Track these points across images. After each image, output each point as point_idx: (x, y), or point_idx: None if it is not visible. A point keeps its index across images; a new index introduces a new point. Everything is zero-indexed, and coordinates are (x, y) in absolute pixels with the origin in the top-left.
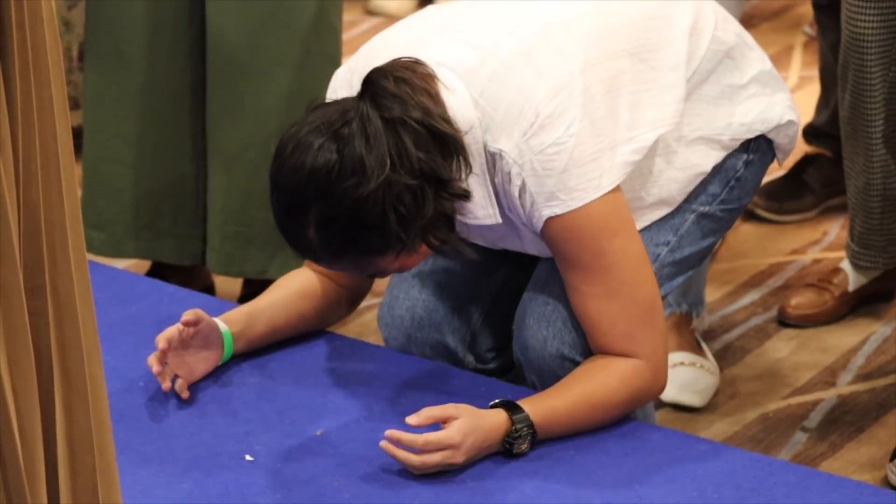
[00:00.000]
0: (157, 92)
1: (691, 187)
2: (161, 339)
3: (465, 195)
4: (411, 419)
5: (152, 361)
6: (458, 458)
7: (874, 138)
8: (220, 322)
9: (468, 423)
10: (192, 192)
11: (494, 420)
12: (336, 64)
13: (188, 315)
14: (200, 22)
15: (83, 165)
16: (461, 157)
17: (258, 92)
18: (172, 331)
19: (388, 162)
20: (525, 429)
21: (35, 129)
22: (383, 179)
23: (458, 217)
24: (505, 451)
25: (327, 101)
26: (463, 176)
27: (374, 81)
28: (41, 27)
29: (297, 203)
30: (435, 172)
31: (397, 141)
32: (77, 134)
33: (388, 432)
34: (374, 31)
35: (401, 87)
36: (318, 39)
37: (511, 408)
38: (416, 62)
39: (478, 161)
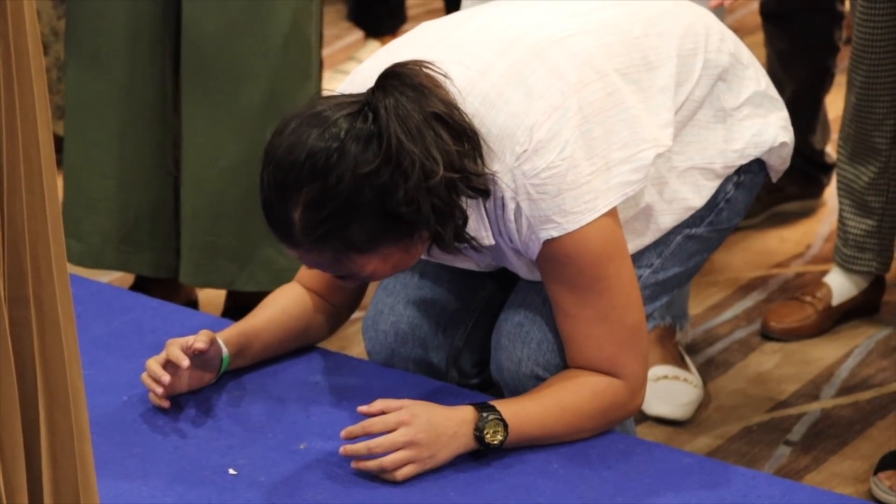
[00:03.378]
0: (135, 100)
1: (681, 219)
2: (181, 358)
3: (487, 192)
4: (362, 408)
5: (160, 375)
6: (418, 435)
7: (884, 139)
8: (223, 346)
9: (419, 405)
10: (170, 203)
11: (458, 410)
12: (308, 78)
13: (202, 342)
14: (178, 31)
15: (64, 174)
16: (479, 151)
17: (230, 102)
18: (184, 346)
19: (437, 154)
20: (492, 416)
21: (19, 139)
22: (432, 172)
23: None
24: (478, 442)
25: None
26: (482, 170)
27: (397, 74)
28: (24, 37)
29: (291, 180)
30: (466, 167)
31: (436, 134)
32: (57, 144)
33: (343, 432)
34: (357, 45)
35: (424, 81)
36: (291, 52)
37: (477, 404)
38: (425, 63)
39: None
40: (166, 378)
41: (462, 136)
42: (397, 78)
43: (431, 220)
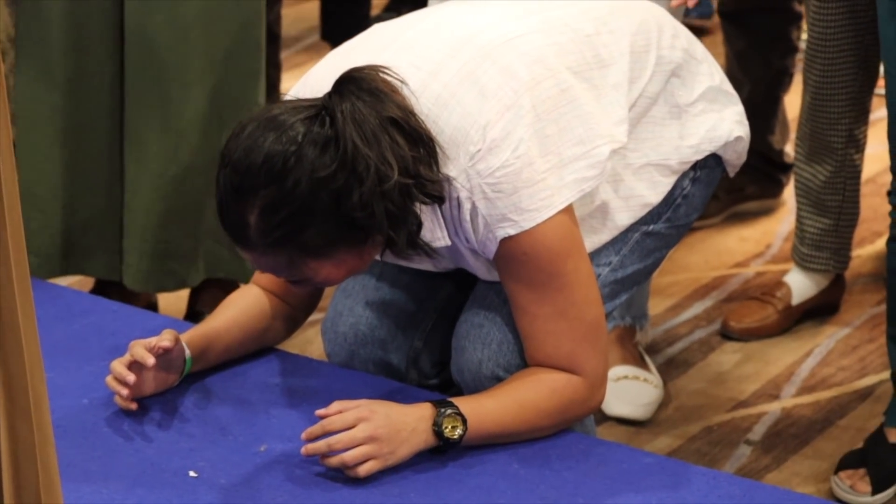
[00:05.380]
0: (81, 107)
1: (638, 216)
2: (146, 357)
3: (441, 198)
4: (320, 411)
5: (126, 376)
6: (378, 430)
7: (839, 138)
8: (186, 347)
9: (377, 402)
10: (119, 207)
11: (416, 407)
12: (257, 79)
13: (168, 340)
14: (122, 36)
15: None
16: (435, 157)
17: (178, 108)
18: (148, 346)
19: (391, 159)
20: (450, 411)
21: None
22: (386, 177)
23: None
24: (437, 437)
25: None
26: (437, 176)
27: (354, 79)
28: None
29: (247, 183)
30: (420, 173)
31: (391, 139)
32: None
33: (304, 434)
34: (317, 46)
35: (380, 86)
36: (239, 53)
37: (436, 401)
38: (380, 68)
39: None
40: (131, 377)
41: (418, 142)
42: (354, 83)
43: (385, 226)
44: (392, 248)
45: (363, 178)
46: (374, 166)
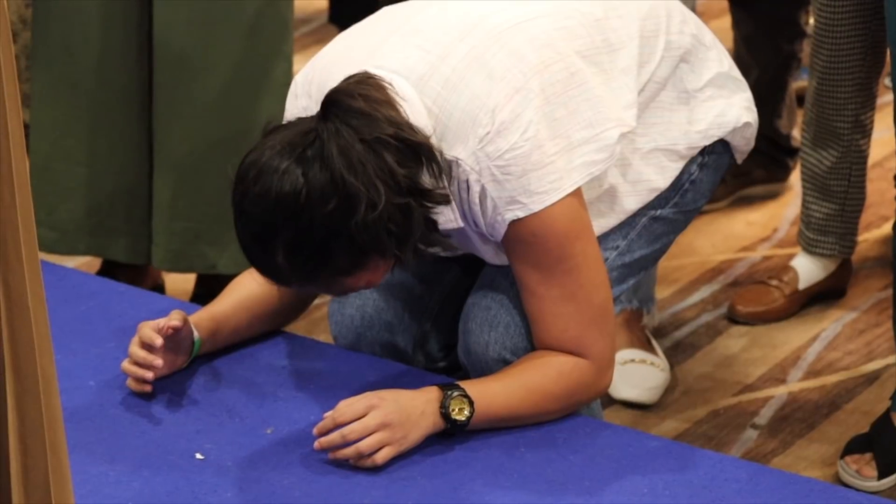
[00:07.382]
0: (107, 89)
1: (646, 201)
2: (154, 338)
3: (446, 199)
4: (328, 413)
5: (153, 360)
6: (389, 416)
7: (845, 123)
8: (194, 329)
9: (384, 390)
10: (144, 189)
11: (424, 391)
12: (287, 60)
13: (176, 320)
14: (150, 19)
15: (32, 163)
16: (434, 162)
17: (204, 88)
18: (156, 328)
19: (379, 184)
20: (457, 393)
21: None
22: (376, 203)
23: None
24: (445, 420)
25: (286, 111)
26: (438, 182)
27: (337, 102)
28: None
29: (265, 230)
30: (418, 185)
31: (380, 161)
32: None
33: (315, 429)
34: (325, 29)
35: (367, 103)
36: (267, 35)
37: (442, 384)
38: (369, 76)
39: None
40: (159, 361)
41: (412, 155)
42: (337, 106)
43: (391, 247)
44: (409, 257)
45: (357, 207)
46: (364, 194)
